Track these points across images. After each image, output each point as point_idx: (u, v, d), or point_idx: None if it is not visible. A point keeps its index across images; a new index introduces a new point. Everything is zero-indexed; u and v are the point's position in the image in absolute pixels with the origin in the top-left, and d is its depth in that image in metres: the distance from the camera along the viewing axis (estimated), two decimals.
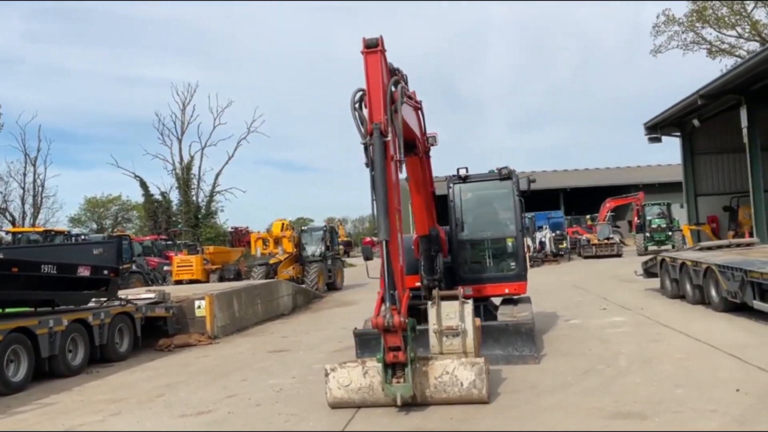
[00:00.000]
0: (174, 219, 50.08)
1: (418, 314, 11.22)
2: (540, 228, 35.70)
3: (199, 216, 50.04)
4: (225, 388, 9.70)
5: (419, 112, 9.93)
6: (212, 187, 50.97)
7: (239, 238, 54.25)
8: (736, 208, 27.21)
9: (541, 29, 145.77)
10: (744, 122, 21.90)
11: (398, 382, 7.29)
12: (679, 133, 28.38)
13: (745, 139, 22.03)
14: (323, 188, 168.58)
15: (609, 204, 43.76)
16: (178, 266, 29.42)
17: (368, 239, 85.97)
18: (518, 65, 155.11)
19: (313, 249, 27.37)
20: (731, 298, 12.50)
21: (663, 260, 16.61)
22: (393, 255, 7.44)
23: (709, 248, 16.32)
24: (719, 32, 39.14)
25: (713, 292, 13.50)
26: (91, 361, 12.06)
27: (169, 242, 37.70)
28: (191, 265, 29.31)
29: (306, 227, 29.80)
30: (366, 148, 7.60)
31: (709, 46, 40.85)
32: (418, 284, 11.34)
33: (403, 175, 9.01)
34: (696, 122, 25.71)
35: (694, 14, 39.00)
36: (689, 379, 8.09)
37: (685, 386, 7.76)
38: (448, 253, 11.38)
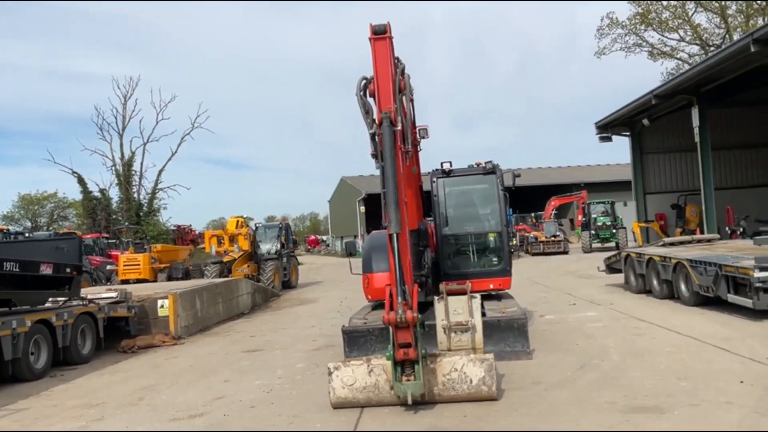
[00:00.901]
0: (114, 217, 48.39)
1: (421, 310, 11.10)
2: None
3: (141, 214, 48.51)
4: (209, 389, 9.27)
5: (412, 103, 9.72)
6: (155, 184, 49.55)
7: (182, 236, 52.97)
8: (683, 206, 28.00)
9: (481, 30, 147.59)
10: (696, 122, 22.51)
11: (408, 380, 7.06)
12: (628, 133, 29.02)
13: (697, 138, 22.64)
14: (262, 187, 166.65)
15: (554, 202, 44.56)
16: (124, 265, 28.33)
17: (313, 237, 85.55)
18: (458, 65, 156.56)
19: (268, 247, 26.83)
20: (703, 292, 12.73)
21: (628, 256, 16.87)
22: (403, 249, 7.20)
23: (672, 244, 16.66)
24: (662, 35, 40.32)
25: (683, 287, 13.75)
26: (53, 363, 11.40)
27: (112, 240, 36.37)
28: (138, 264, 28.26)
29: (260, 224, 29.16)
30: (373, 138, 7.33)
31: (650, 49, 42.04)
32: None
33: None
34: (646, 122, 26.31)
35: (638, 17, 40.03)
36: (689, 373, 8.11)
37: (688, 379, 7.78)
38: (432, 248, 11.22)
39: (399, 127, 7.18)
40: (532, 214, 46.87)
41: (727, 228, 21.78)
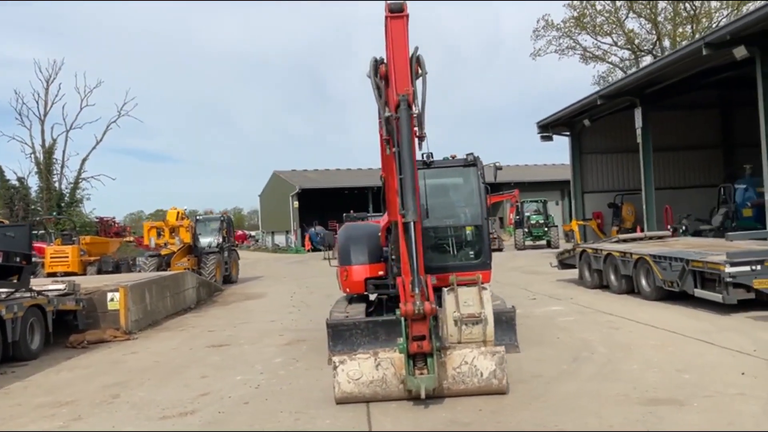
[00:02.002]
0: (33, 207, 45.94)
1: (381, 304, 10.84)
2: None
3: (62, 204, 46.24)
4: (187, 386, 8.72)
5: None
6: (78, 173, 47.32)
7: (105, 228, 50.77)
8: (620, 205, 28.82)
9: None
10: (639, 123, 23.14)
11: (421, 374, 6.80)
12: (568, 133, 29.63)
13: (639, 139, 23.29)
14: (181, 180, 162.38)
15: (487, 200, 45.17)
16: (51, 257, 26.83)
17: (240, 232, 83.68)
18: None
19: (209, 240, 25.96)
20: (667, 287, 13.01)
21: (583, 251, 17.12)
22: (418, 238, 6.93)
23: (625, 240, 17.01)
24: (595, 39, 41.46)
25: (644, 282, 14.02)
26: (2, 360, 10.56)
27: (38, 231, 34.47)
28: (67, 256, 26.83)
29: (201, 216, 28.19)
30: (388, 122, 7.02)
31: (583, 52, 43.18)
32: (381, 273, 10.89)
33: None
34: (587, 122, 26.91)
35: (573, 20, 41.03)
36: (686, 365, 8.17)
37: (688, 372, 7.83)
38: None
39: (416, 111, 6.89)
40: None
41: (669, 227, 22.50)
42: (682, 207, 24.86)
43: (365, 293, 11.00)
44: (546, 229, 38.47)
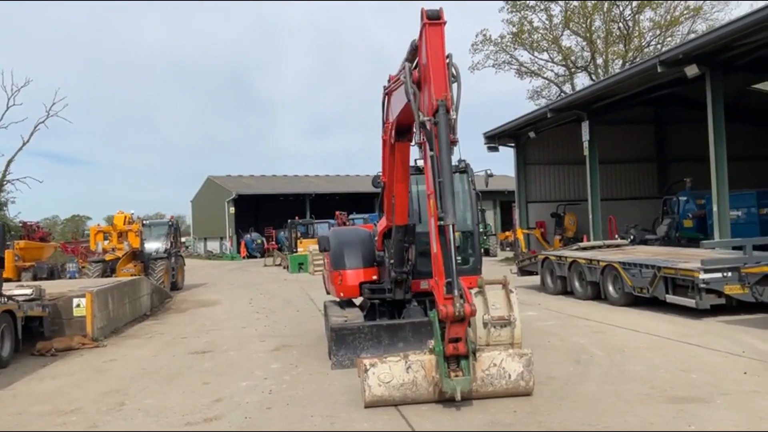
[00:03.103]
0: None
1: (393, 307, 10.83)
2: None
3: None
4: (194, 392, 8.49)
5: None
6: (2, 175, 44.99)
7: (29, 233, 48.46)
8: (562, 215, 29.72)
9: (336, 36, 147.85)
10: (585, 136, 23.99)
11: (456, 376, 6.87)
12: (513, 144, 30.37)
13: (586, 152, 24.13)
14: (102, 184, 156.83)
15: None
16: None
17: None
18: (314, 69, 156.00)
19: (156, 245, 25.24)
20: (637, 293, 13.56)
21: (546, 259, 17.61)
22: (453, 240, 7.03)
23: (585, 248, 17.60)
24: (532, 55, 42.69)
25: (611, 288, 14.56)
26: None
27: None
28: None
29: (148, 221, 27.36)
30: (424, 126, 7.09)
31: (519, 67, 44.39)
32: (375, 277, 10.90)
33: None
34: (533, 134, 27.69)
35: (510, 36, 42.15)
36: (688, 366, 8.53)
37: (694, 372, 8.17)
38: None
39: (455, 116, 7.00)
40: None
41: (616, 236, 23.38)
42: (620, 218, 25.88)
43: (359, 297, 10.98)
44: (485, 237, 39.27)
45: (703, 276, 11.63)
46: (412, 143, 8.74)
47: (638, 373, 8.27)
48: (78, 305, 13.53)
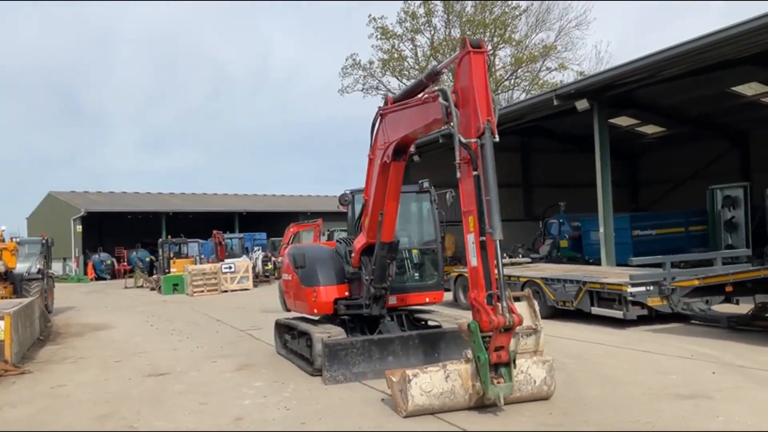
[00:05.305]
0: None
1: (365, 323, 10.95)
2: (255, 249, 35.62)
3: None
4: (201, 413, 8.19)
5: None
6: None
7: None
8: (442, 236, 31.06)
9: (173, 50, 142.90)
10: None
11: (499, 383, 7.28)
12: None
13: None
14: None
15: (293, 229, 45.58)
16: None
17: None
18: (151, 82, 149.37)
19: (28, 265, 23.24)
20: (560, 306, 14.71)
21: (459, 275, 18.48)
22: (499, 255, 7.47)
23: None
24: (401, 81, 44.27)
25: None
26: None
27: None
28: None
29: (19, 239, 25.06)
30: (467, 147, 7.50)
31: (386, 92, 45.86)
32: (347, 293, 11.02)
33: None
34: (416, 158, 28.83)
35: (380, 62, 43.59)
36: (658, 368, 9.47)
37: (670, 374, 9.07)
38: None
39: (497, 139, 7.47)
40: (271, 240, 47.28)
41: (505, 255, 24.92)
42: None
43: (333, 314, 11.03)
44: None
45: (631, 289, 12.91)
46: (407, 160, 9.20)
47: (620, 377, 9.10)
48: None
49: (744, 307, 12.95)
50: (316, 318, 11.54)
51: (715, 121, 27.84)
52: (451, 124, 7.69)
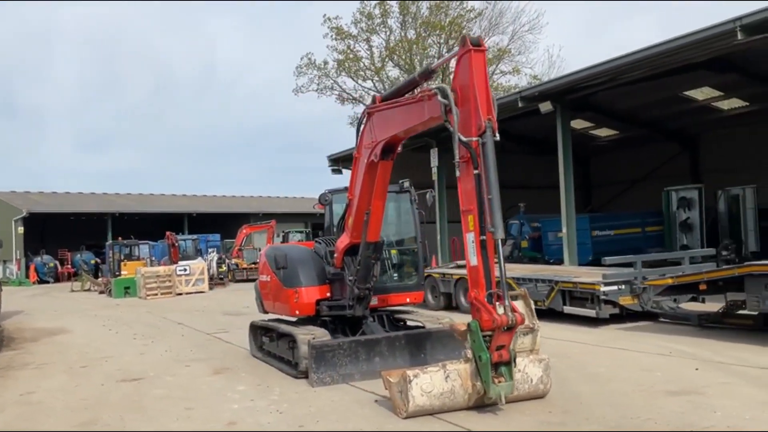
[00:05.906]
0: None
1: (347, 324, 10.79)
2: (209, 251, 34.94)
3: None
4: (189, 419, 7.91)
5: None
6: None
7: None
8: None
9: (114, 47, 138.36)
10: (435, 162, 25.47)
11: (500, 382, 7.24)
12: None
13: (435, 177, 25.62)
14: None
15: (246, 230, 44.97)
16: None
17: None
18: (89, 80, 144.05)
19: None
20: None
21: (428, 276, 18.43)
22: (501, 253, 7.43)
23: (459, 266, 18.72)
24: (356, 82, 44.20)
25: None
26: None
27: None
28: None
29: None
30: (467, 146, 7.43)
31: (340, 93, 45.72)
32: (328, 294, 10.85)
33: None
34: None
35: (336, 63, 43.36)
36: (641, 366, 9.62)
37: (654, 371, 9.21)
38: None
39: (498, 137, 7.43)
40: (224, 242, 46.55)
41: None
42: (458, 240, 27.84)
43: (314, 315, 10.85)
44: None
45: (603, 288, 13.11)
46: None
47: (606, 375, 9.20)
48: None
49: (711, 305, 13.26)
50: (295, 319, 11.34)
51: (667, 124, 28.61)
52: (451, 122, 7.60)
